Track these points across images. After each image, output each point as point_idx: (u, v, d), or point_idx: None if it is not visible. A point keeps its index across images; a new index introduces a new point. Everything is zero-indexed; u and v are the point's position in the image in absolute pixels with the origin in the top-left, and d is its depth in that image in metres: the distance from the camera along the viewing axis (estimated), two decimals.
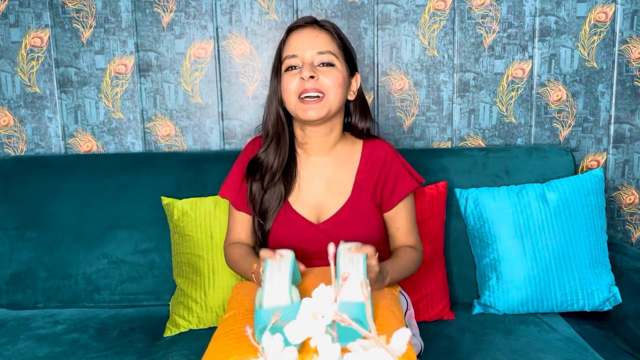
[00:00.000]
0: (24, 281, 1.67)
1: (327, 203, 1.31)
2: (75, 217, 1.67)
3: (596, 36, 1.80)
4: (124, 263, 1.66)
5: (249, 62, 1.81)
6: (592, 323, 1.54)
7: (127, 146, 1.85)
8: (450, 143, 1.85)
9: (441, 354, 1.35)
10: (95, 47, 1.80)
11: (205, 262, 1.53)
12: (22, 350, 1.40)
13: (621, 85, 1.82)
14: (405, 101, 1.83)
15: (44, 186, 1.69)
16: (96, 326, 1.53)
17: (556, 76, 1.82)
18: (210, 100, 1.83)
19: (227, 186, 1.38)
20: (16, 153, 1.85)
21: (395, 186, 1.33)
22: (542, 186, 1.60)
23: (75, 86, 1.82)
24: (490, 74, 1.82)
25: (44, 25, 1.79)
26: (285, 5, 1.78)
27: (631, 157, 1.86)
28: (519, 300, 1.55)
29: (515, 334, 1.45)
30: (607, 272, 1.58)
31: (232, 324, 1.02)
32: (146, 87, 1.82)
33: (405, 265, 1.28)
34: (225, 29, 1.80)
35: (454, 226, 1.66)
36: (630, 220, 1.90)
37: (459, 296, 1.66)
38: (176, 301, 1.55)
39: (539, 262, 1.54)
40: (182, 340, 1.45)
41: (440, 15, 1.79)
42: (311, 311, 0.53)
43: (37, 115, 1.83)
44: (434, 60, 1.81)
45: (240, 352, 0.92)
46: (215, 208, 1.55)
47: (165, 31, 1.79)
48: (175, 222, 1.57)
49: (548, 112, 1.83)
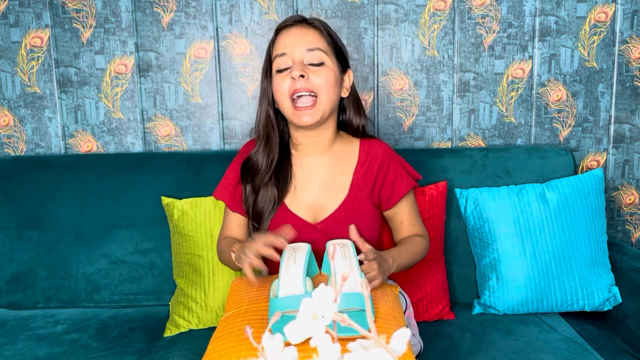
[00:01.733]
0: (24, 281, 1.67)
1: (324, 203, 1.31)
2: (75, 217, 1.67)
3: (596, 36, 1.80)
4: (124, 263, 1.66)
5: (249, 62, 1.81)
6: (592, 323, 1.54)
7: (127, 146, 1.85)
8: (450, 143, 1.85)
9: (441, 354, 1.35)
10: (95, 47, 1.80)
11: (205, 262, 1.53)
12: (22, 350, 1.40)
13: (621, 85, 1.82)
14: (405, 101, 1.83)
15: (44, 186, 1.69)
16: (96, 326, 1.53)
17: (556, 76, 1.82)
18: (210, 100, 1.82)
19: (221, 188, 1.38)
20: (16, 153, 1.85)
21: (394, 185, 1.33)
22: (542, 186, 1.60)
23: (75, 86, 1.82)
24: (490, 74, 1.82)
25: (44, 25, 1.79)
26: (285, 5, 1.78)
27: (631, 157, 1.86)
28: (519, 300, 1.55)
29: (515, 334, 1.45)
30: (607, 272, 1.58)
31: (231, 325, 1.02)
32: (146, 87, 1.82)
33: (412, 251, 1.28)
34: (225, 29, 1.80)
35: (454, 226, 1.66)
36: (630, 220, 1.90)
37: (459, 296, 1.66)
38: (176, 301, 1.55)
39: (539, 262, 1.54)
40: (182, 340, 1.45)
41: (440, 15, 1.79)
42: (311, 311, 0.53)
43: (37, 115, 1.83)
44: (434, 60, 1.81)
45: (240, 354, 0.91)
46: (215, 208, 1.55)
47: (165, 31, 1.79)
48: (175, 222, 1.57)
49: (548, 112, 1.83)
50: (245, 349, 0.93)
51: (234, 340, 0.96)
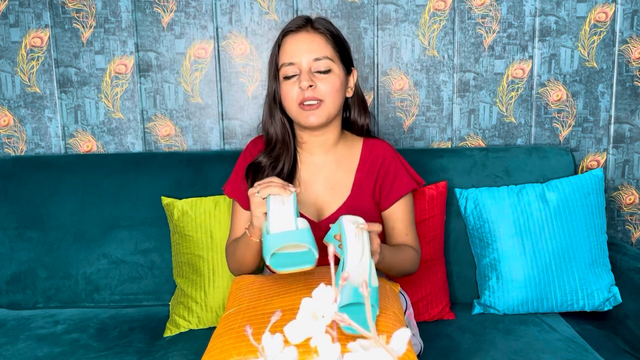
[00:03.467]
0: (24, 281, 1.67)
1: (328, 201, 1.32)
2: (75, 217, 1.67)
3: (596, 36, 1.80)
4: (124, 263, 1.66)
5: (249, 62, 1.81)
6: (592, 323, 1.54)
7: (127, 146, 1.85)
8: (450, 143, 1.85)
9: (441, 354, 1.35)
10: (95, 47, 1.80)
11: (205, 262, 1.53)
12: (22, 350, 1.40)
13: (621, 85, 1.82)
14: (405, 101, 1.83)
15: (44, 186, 1.69)
16: (96, 326, 1.53)
17: (556, 76, 1.82)
18: (210, 100, 1.82)
19: (232, 185, 1.37)
20: (16, 153, 1.85)
21: (393, 184, 1.33)
22: (542, 186, 1.60)
23: (75, 86, 1.82)
24: (490, 74, 1.82)
25: (44, 25, 1.79)
26: (285, 5, 1.78)
27: (631, 157, 1.86)
28: (519, 300, 1.55)
29: (515, 334, 1.45)
30: (607, 272, 1.58)
31: (232, 323, 1.02)
32: (146, 87, 1.82)
33: (402, 257, 1.27)
34: (225, 29, 1.80)
35: (454, 226, 1.66)
36: (630, 220, 1.90)
37: (459, 296, 1.66)
38: (176, 301, 1.55)
39: (539, 262, 1.54)
40: (182, 340, 1.45)
41: (440, 15, 1.79)
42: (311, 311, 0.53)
43: (37, 115, 1.83)
44: (434, 60, 1.81)
45: (240, 351, 0.92)
46: (215, 208, 1.55)
47: (165, 31, 1.79)
48: (175, 222, 1.57)
49: (548, 112, 1.83)
50: (245, 346, 0.93)
51: (234, 338, 0.96)
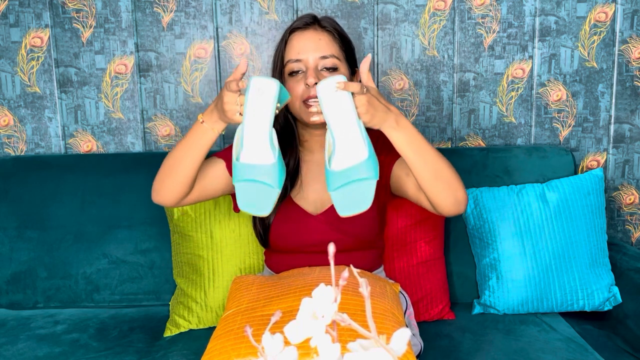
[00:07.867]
0: (24, 281, 1.67)
1: (328, 200, 1.32)
2: (75, 217, 1.67)
3: (596, 36, 1.80)
4: (124, 263, 1.66)
5: (249, 62, 1.81)
6: (592, 323, 1.54)
7: (127, 146, 1.85)
8: (450, 143, 1.85)
9: (441, 354, 1.35)
10: (95, 47, 1.80)
11: (205, 262, 1.53)
12: (22, 350, 1.40)
13: (621, 85, 1.82)
14: (405, 101, 1.83)
15: (44, 186, 1.69)
16: (96, 326, 1.53)
17: (556, 76, 1.82)
18: (210, 100, 1.82)
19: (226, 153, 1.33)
20: (16, 153, 1.85)
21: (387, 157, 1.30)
22: (542, 186, 1.60)
23: (75, 86, 1.82)
24: (490, 74, 1.82)
25: (44, 25, 1.79)
26: (285, 5, 1.78)
27: (631, 157, 1.86)
28: (519, 300, 1.55)
29: (515, 334, 1.44)
30: (607, 272, 1.58)
31: (231, 323, 1.02)
32: (146, 87, 1.82)
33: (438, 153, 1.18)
34: (225, 29, 1.80)
35: (454, 226, 1.66)
36: (630, 220, 1.90)
37: (459, 296, 1.66)
38: (176, 301, 1.55)
39: (539, 262, 1.54)
40: (182, 340, 1.45)
41: (440, 15, 1.79)
42: (311, 311, 0.53)
43: (37, 115, 1.83)
44: (434, 60, 1.81)
45: (239, 353, 0.92)
46: (215, 208, 1.55)
47: (165, 31, 1.79)
48: (175, 222, 1.57)
49: (548, 112, 1.83)
50: (245, 347, 0.93)
51: (233, 339, 0.96)
